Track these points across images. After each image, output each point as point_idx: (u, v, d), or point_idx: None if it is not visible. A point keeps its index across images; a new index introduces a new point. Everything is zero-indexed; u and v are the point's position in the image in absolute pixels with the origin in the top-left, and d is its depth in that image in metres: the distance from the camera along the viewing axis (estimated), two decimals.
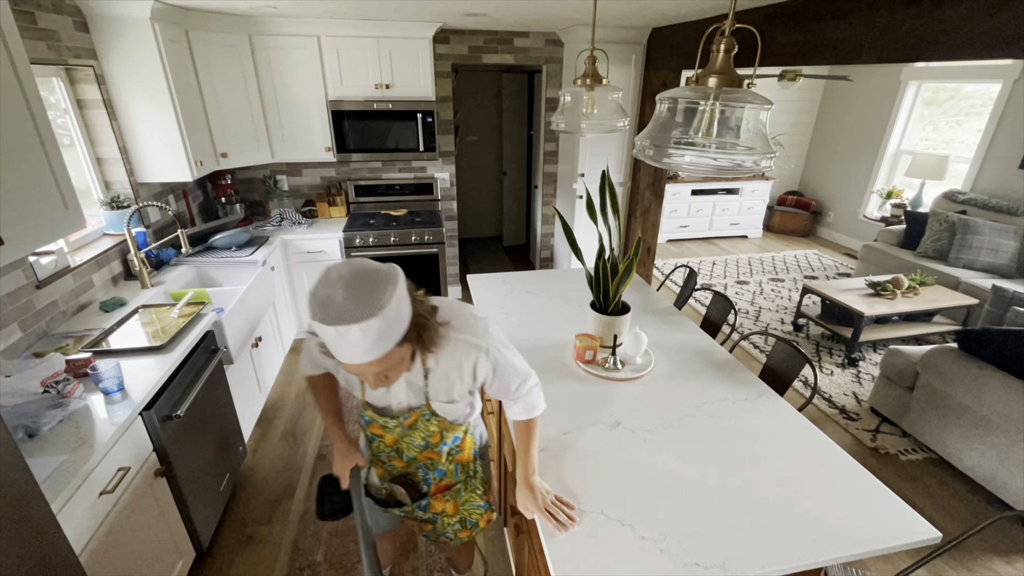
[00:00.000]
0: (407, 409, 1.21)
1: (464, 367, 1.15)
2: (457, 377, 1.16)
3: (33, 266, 1.94)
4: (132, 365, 1.79)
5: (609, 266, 1.82)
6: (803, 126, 6.38)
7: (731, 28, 1.07)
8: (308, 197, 3.89)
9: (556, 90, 3.96)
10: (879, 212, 5.66)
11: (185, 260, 2.82)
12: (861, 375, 3.39)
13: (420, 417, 1.21)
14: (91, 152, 2.55)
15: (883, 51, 1.77)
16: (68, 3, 2.26)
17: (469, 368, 1.15)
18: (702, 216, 6.18)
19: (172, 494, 1.80)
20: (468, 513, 1.42)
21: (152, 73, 2.51)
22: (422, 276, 3.62)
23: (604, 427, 1.51)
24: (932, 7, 1.61)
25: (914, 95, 5.21)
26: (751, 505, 1.23)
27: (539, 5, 2.49)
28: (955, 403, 2.46)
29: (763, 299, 4.59)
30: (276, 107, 3.25)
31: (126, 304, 2.27)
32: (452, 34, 3.59)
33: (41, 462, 1.34)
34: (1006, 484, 2.26)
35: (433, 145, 3.50)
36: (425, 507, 1.38)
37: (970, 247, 4.03)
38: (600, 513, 1.21)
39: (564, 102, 2.03)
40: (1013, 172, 4.32)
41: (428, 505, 1.38)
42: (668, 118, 1.14)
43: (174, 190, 3.12)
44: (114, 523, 1.48)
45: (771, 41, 2.27)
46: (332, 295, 0.87)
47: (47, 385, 1.55)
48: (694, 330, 2.12)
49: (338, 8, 2.64)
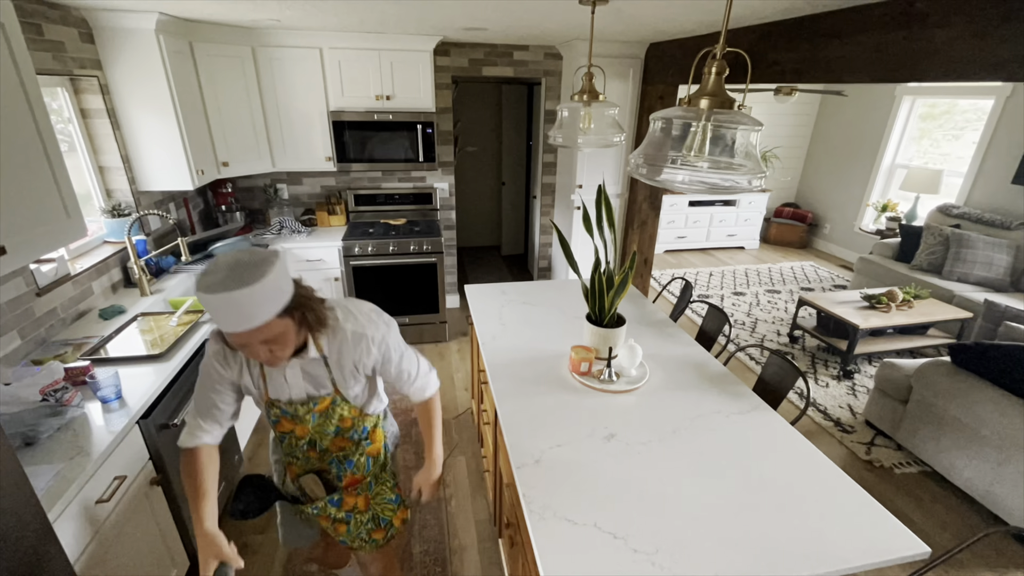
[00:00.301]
0: (308, 399, 1.28)
1: (354, 353, 1.24)
2: (350, 363, 1.25)
3: (34, 273, 1.96)
4: (130, 373, 1.80)
5: (605, 279, 1.84)
6: (799, 139, 6.45)
7: (722, 51, 1.10)
8: (308, 206, 3.91)
9: (555, 102, 4.01)
10: (874, 225, 5.71)
11: (185, 268, 2.84)
12: (856, 387, 3.40)
13: (331, 403, 1.29)
14: (94, 161, 2.57)
15: (874, 71, 1.81)
16: (75, 15, 2.30)
17: (359, 354, 1.25)
18: (699, 227, 6.22)
19: (167, 503, 1.80)
20: (380, 509, 1.46)
21: (156, 83, 2.55)
22: (420, 285, 3.64)
23: (598, 439, 1.52)
24: (922, 29, 1.65)
25: (908, 110, 5.28)
26: (743, 519, 1.25)
27: (538, 21, 2.54)
28: (948, 417, 2.48)
29: (759, 310, 4.61)
30: (278, 117, 3.29)
31: (125, 312, 2.28)
32: (452, 47, 3.64)
33: (38, 470, 1.34)
34: (1000, 498, 2.27)
35: (433, 156, 3.53)
36: (338, 502, 1.40)
37: (964, 261, 4.07)
38: (593, 526, 1.22)
39: (562, 117, 2.06)
40: (1006, 187, 4.37)
41: (341, 500, 1.41)
42: (661, 137, 1.17)
43: (175, 198, 3.15)
44: (109, 532, 1.48)
45: (765, 59, 2.31)
46: (216, 271, 0.99)
47: (46, 393, 1.56)
48: (689, 343, 2.14)
49: (341, 21, 2.68)
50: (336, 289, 3.57)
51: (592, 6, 1.95)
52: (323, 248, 3.43)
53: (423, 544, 2.16)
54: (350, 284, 3.51)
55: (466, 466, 2.61)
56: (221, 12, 2.41)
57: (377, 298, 3.61)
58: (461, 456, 2.68)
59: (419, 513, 2.30)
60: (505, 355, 1.99)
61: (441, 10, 2.25)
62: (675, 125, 1.14)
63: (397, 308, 3.68)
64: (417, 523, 2.25)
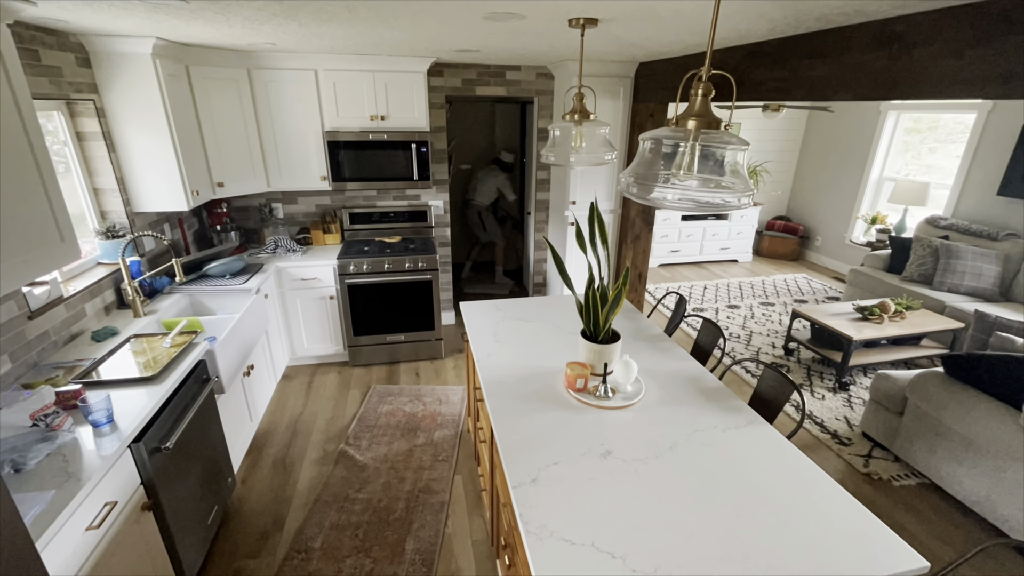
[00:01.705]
0: None
1: None
2: None
3: (26, 296, 1.95)
4: (122, 396, 1.78)
5: (599, 295, 1.86)
6: (789, 153, 6.56)
7: (708, 73, 1.13)
8: (303, 224, 3.93)
9: (547, 121, 4.07)
10: (865, 237, 5.78)
11: (179, 288, 2.83)
12: (852, 399, 3.41)
13: None
14: (88, 183, 2.58)
15: (857, 89, 1.85)
16: (72, 40, 2.33)
17: None
18: (692, 241, 6.28)
19: (159, 529, 1.77)
20: None
21: (152, 106, 2.57)
22: (416, 303, 3.64)
23: (595, 457, 1.52)
24: (902, 49, 1.70)
25: (894, 124, 5.39)
26: (741, 535, 1.24)
27: (528, 44, 2.60)
28: (944, 427, 2.48)
29: (754, 323, 4.63)
30: (273, 137, 3.32)
31: (118, 334, 2.27)
32: (446, 68, 3.70)
33: (27, 497, 1.32)
34: (998, 510, 2.27)
35: (427, 174, 3.56)
36: None
37: (954, 271, 4.12)
38: (591, 545, 1.21)
39: (554, 136, 2.10)
40: (992, 198, 4.45)
41: None
42: (651, 157, 1.19)
43: (170, 218, 3.15)
44: (99, 560, 1.45)
45: (751, 77, 2.36)
46: None
47: (36, 418, 1.54)
48: (684, 357, 2.15)
49: (335, 44, 2.73)
50: (331, 308, 3.56)
51: (581, 29, 1.99)
52: (318, 267, 3.43)
53: (411, 566, 2.12)
54: (345, 302, 3.51)
55: (463, 485, 2.59)
56: (217, 36, 2.44)
57: (372, 316, 3.61)
58: (458, 475, 2.65)
59: (414, 532, 2.26)
60: (501, 372, 1.99)
61: (435, 34, 2.30)
62: (664, 145, 1.17)
63: (393, 325, 3.68)
64: (412, 542, 2.21)
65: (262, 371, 3.07)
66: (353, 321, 3.58)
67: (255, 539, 2.26)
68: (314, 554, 2.17)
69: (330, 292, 3.52)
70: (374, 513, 2.39)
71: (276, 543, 2.24)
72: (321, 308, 3.55)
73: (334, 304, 3.56)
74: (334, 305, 3.56)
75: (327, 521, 2.34)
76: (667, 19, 1.88)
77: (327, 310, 3.57)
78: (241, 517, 2.39)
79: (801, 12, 1.69)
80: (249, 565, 2.14)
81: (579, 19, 1.90)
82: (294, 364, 3.76)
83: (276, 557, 2.17)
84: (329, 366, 3.77)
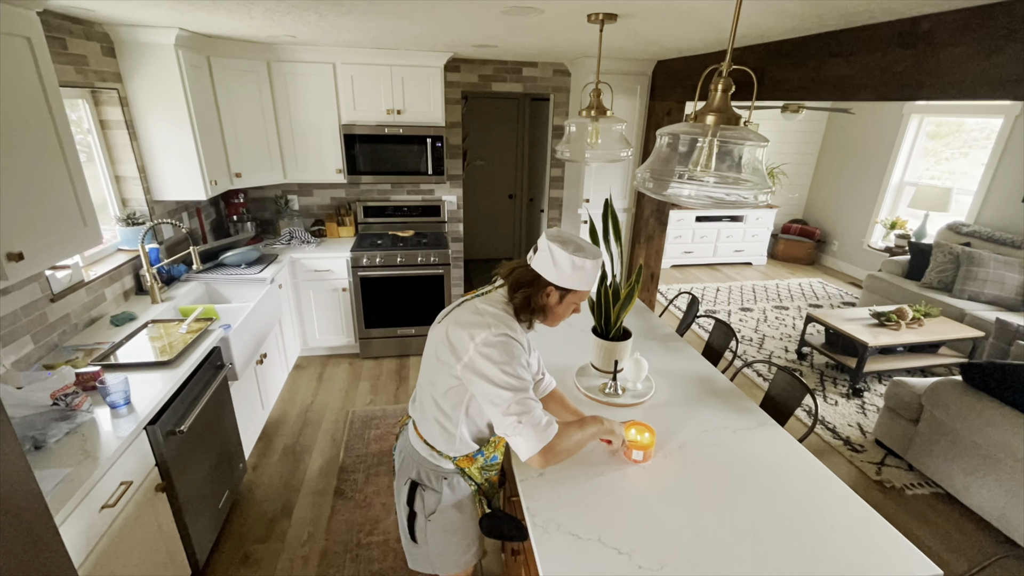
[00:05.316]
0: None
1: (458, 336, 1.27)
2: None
3: (49, 280, 1.99)
4: (139, 379, 1.81)
5: (611, 292, 1.85)
6: (807, 156, 6.46)
7: (728, 69, 1.12)
8: (318, 217, 3.96)
9: (563, 118, 4.05)
10: (883, 242, 5.68)
11: (195, 276, 2.88)
12: (866, 406, 3.36)
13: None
14: (111, 170, 2.63)
15: (880, 90, 1.82)
16: (98, 30, 2.37)
17: (457, 338, 1.27)
18: (706, 242, 6.22)
19: (172, 510, 1.80)
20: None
21: (174, 96, 2.61)
22: (427, 297, 3.65)
23: (603, 454, 1.51)
24: (927, 49, 1.66)
25: (916, 128, 5.28)
26: (749, 536, 1.23)
27: (546, 39, 2.59)
28: (960, 437, 2.43)
29: (767, 327, 4.58)
30: (290, 129, 3.35)
31: (136, 319, 2.31)
32: (463, 63, 3.71)
33: (46, 474, 1.35)
34: (1013, 522, 2.22)
35: (441, 169, 3.57)
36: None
37: (975, 279, 4.03)
38: (598, 540, 1.21)
39: (569, 132, 2.09)
40: (1016, 206, 4.34)
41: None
42: (668, 152, 1.18)
43: (188, 207, 3.20)
44: (113, 538, 1.49)
45: (772, 76, 2.33)
46: (581, 248, 1.23)
47: (56, 397, 1.58)
48: (695, 357, 2.13)
49: (354, 38, 2.75)
50: (344, 300, 3.60)
51: (600, 24, 1.98)
52: (332, 259, 3.46)
53: None
54: (358, 295, 3.53)
55: None
56: (239, 28, 2.47)
57: (384, 309, 3.63)
58: None
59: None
60: None
61: (454, 28, 2.31)
62: (681, 140, 1.15)
63: (404, 319, 3.70)
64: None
65: (275, 360, 3.11)
66: (365, 313, 3.61)
67: (264, 524, 2.30)
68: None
69: (343, 284, 3.55)
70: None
71: (284, 529, 2.27)
72: (333, 300, 3.59)
73: (346, 296, 3.59)
74: (346, 297, 3.59)
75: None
76: (687, 15, 1.86)
77: (339, 302, 3.60)
78: (251, 502, 2.42)
79: (825, 10, 1.66)
80: (258, 550, 2.17)
81: (598, 14, 1.89)
82: (306, 354, 3.80)
83: (284, 543, 2.20)
84: (340, 357, 3.81)
